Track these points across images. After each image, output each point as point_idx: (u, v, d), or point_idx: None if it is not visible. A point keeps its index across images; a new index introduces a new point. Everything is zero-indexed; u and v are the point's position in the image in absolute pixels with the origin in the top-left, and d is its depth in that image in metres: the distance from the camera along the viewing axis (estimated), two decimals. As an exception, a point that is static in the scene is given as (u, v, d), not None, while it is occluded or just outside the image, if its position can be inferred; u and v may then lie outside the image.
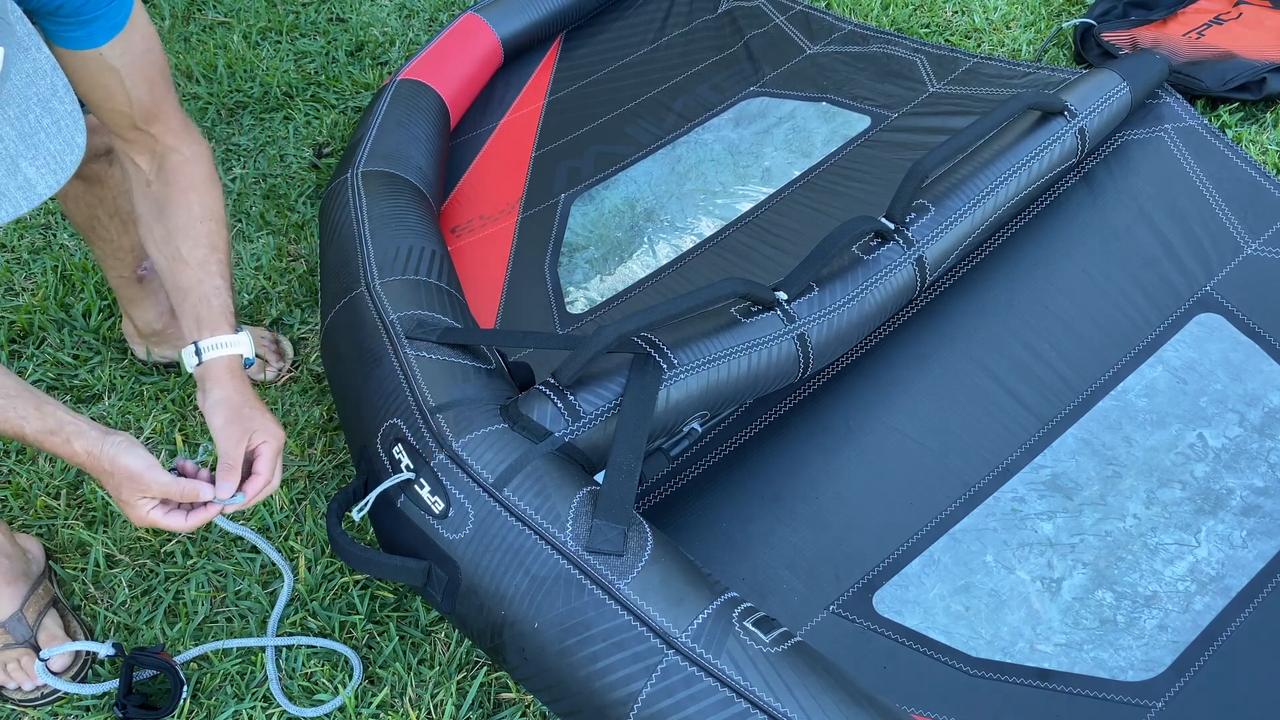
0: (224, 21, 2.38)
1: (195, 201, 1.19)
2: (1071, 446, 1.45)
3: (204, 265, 1.18)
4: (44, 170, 0.88)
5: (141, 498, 1.07)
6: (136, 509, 1.08)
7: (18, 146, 0.86)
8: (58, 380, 1.65)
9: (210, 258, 1.18)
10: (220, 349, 1.16)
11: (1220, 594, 1.31)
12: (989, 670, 1.25)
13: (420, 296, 1.36)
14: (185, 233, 1.18)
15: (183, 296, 1.19)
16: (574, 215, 1.83)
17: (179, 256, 1.19)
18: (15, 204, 0.86)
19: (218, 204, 1.21)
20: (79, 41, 1.06)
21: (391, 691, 1.30)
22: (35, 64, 0.88)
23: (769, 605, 1.31)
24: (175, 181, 1.19)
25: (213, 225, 1.20)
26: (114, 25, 1.07)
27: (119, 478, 1.06)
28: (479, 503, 1.09)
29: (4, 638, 1.30)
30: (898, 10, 2.34)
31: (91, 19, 1.04)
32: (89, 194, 1.42)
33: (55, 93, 0.89)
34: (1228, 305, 1.59)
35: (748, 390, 1.30)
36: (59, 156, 0.89)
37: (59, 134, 0.89)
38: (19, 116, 0.86)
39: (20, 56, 0.87)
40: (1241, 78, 1.99)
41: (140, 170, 1.21)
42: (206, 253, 1.18)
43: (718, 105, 2.01)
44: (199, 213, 1.19)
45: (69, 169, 0.89)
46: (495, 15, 2.07)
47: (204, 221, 1.19)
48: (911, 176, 1.45)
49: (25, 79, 0.87)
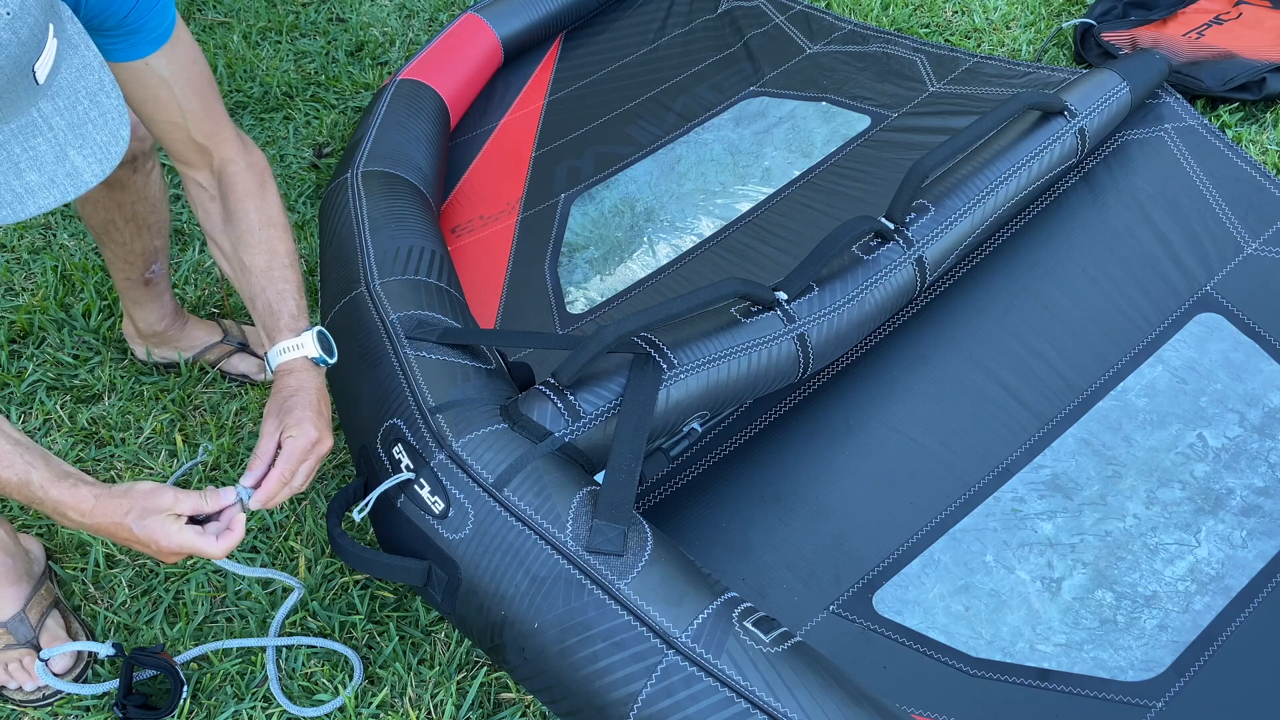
0: (224, 21, 2.38)
1: (253, 209, 1.20)
2: (1071, 446, 1.45)
3: (266, 272, 1.19)
4: (90, 160, 0.91)
5: (168, 516, 1.03)
6: (166, 531, 1.03)
7: (67, 135, 0.90)
8: (58, 380, 1.65)
9: (272, 264, 1.19)
10: (284, 354, 1.16)
11: (1220, 594, 1.31)
12: (989, 670, 1.25)
13: (420, 296, 1.36)
14: (246, 241, 1.20)
15: (251, 307, 1.21)
16: (574, 215, 1.83)
17: (243, 266, 1.20)
18: (63, 190, 0.89)
19: (275, 209, 1.22)
20: (126, 53, 1.08)
21: (391, 691, 1.30)
22: (84, 60, 0.92)
23: (769, 605, 1.31)
24: (233, 191, 1.21)
25: (272, 231, 1.20)
26: (159, 36, 1.10)
27: (137, 501, 1.03)
28: (479, 503, 1.09)
29: (6, 638, 1.30)
30: (898, 10, 2.34)
31: (136, 29, 1.07)
32: (109, 198, 1.43)
33: (103, 87, 0.92)
34: (1228, 305, 1.59)
35: (748, 390, 1.30)
36: (105, 147, 0.92)
37: (105, 126, 0.92)
38: (69, 108, 0.90)
39: (70, 52, 0.90)
40: (1241, 78, 1.99)
41: (203, 189, 1.23)
42: (267, 259, 1.19)
43: (718, 105, 2.01)
44: (256, 219, 1.20)
45: (114, 160, 0.93)
46: (495, 15, 2.07)
47: (263, 228, 1.20)
48: (911, 176, 1.45)
49: (75, 73, 0.91)
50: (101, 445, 1.57)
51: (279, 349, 1.17)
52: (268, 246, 1.20)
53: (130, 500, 1.03)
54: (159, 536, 1.03)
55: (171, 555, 1.07)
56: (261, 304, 1.20)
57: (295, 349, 1.16)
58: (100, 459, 1.55)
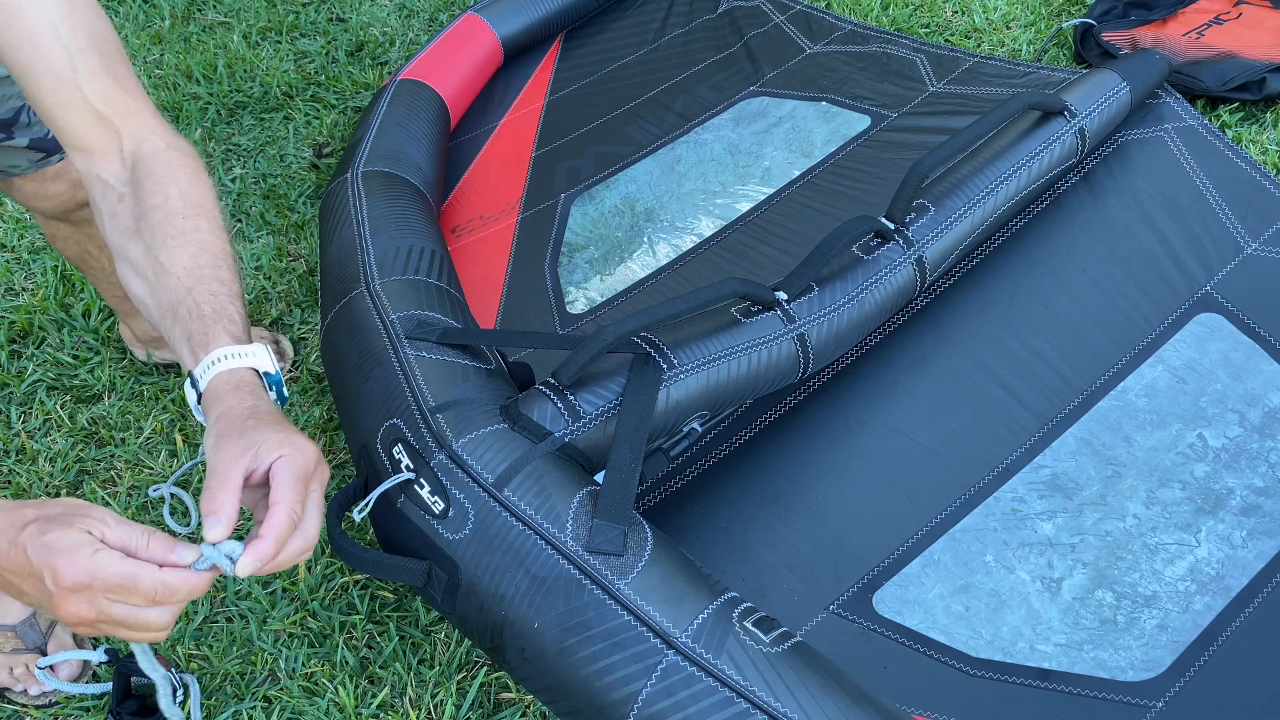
0: (224, 21, 2.38)
1: (175, 195, 0.91)
2: (1071, 446, 1.45)
3: (192, 271, 0.89)
4: None
5: (81, 534, 0.69)
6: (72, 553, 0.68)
7: None
8: (58, 380, 1.65)
9: (200, 259, 0.90)
10: (225, 363, 0.85)
11: (1220, 594, 1.31)
12: (989, 670, 1.25)
13: (420, 296, 1.36)
14: (164, 233, 0.89)
15: (171, 318, 0.88)
16: (574, 215, 1.83)
17: (160, 269, 0.88)
18: None
19: (205, 196, 0.93)
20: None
21: (391, 691, 1.30)
22: None
23: (769, 605, 1.31)
24: (151, 175, 0.91)
25: (200, 221, 0.91)
26: None
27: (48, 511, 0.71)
28: (479, 503, 1.09)
29: (14, 642, 1.30)
30: (898, 10, 2.34)
31: None
32: (77, 233, 1.42)
33: None
34: (1228, 305, 1.59)
35: (748, 390, 1.30)
36: None
37: None
38: None
39: None
40: (1241, 78, 1.99)
41: (109, 187, 0.93)
42: (194, 253, 0.89)
43: (717, 105, 2.01)
44: (179, 206, 0.90)
45: None
46: (495, 15, 2.07)
47: (188, 218, 0.90)
48: (911, 176, 1.45)
49: None
50: (101, 445, 1.57)
51: (217, 355, 0.84)
52: (194, 239, 0.90)
53: (40, 510, 0.71)
54: (59, 559, 0.67)
55: (71, 594, 0.67)
56: (187, 309, 0.87)
57: (239, 357, 0.86)
58: (100, 459, 1.55)
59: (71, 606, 0.68)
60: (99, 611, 0.69)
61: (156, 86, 2.20)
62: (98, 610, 0.69)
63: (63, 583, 0.67)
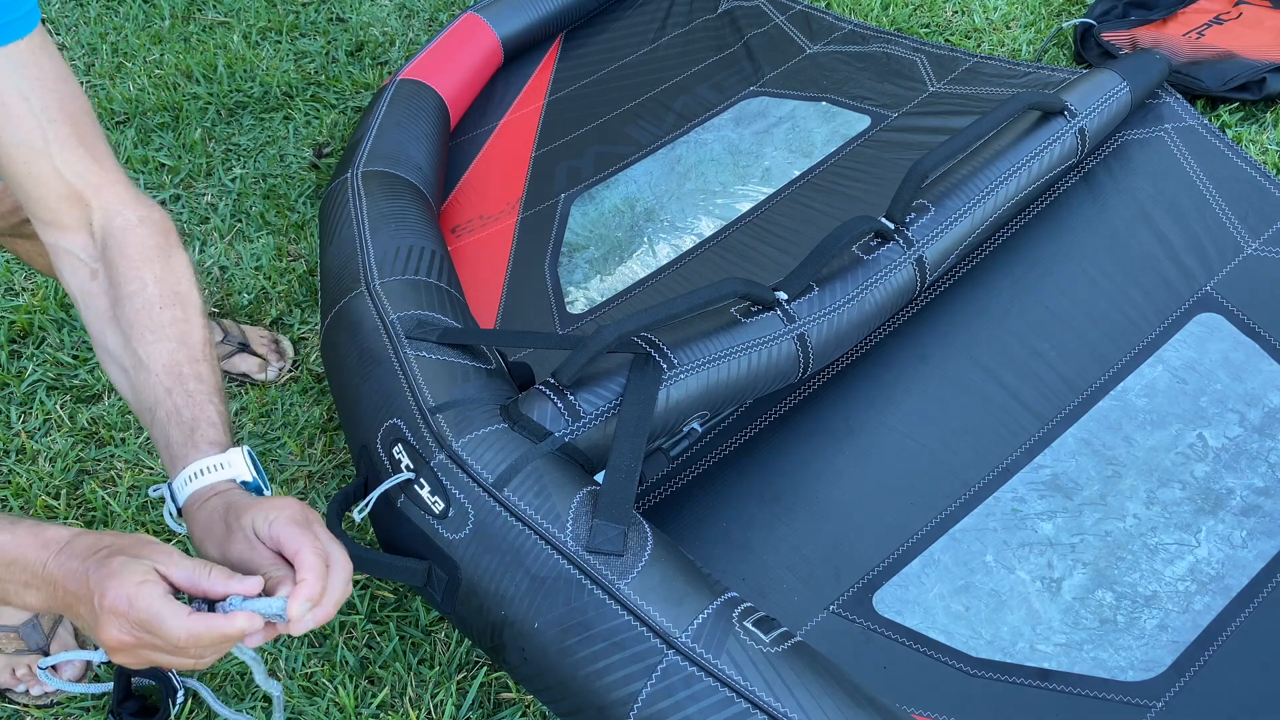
0: (224, 21, 2.38)
1: (151, 281, 0.89)
2: (1071, 446, 1.45)
3: (171, 369, 0.87)
4: None
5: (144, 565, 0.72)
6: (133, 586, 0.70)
7: None
8: (58, 380, 1.65)
9: (179, 354, 0.88)
10: (203, 478, 0.85)
11: (1220, 594, 1.31)
12: (989, 670, 1.25)
13: (420, 296, 1.36)
14: (141, 325, 0.88)
15: (149, 417, 0.87)
16: (574, 215, 1.83)
17: (138, 363, 0.87)
18: None
19: (182, 280, 0.92)
20: None
21: (391, 691, 1.30)
22: None
23: (769, 605, 1.31)
24: (124, 256, 0.89)
25: (178, 311, 0.90)
26: (6, 26, 0.83)
27: (119, 541, 0.75)
28: (479, 503, 1.09)
29: (17, 642, 1.30)
30: (898, 10, 2.34)
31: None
32: (38, 244, 1.41)
33: None
34: (1228, 305, 1.59)
35: (748, 390, 1.30)
36: None
37: None
38: None
39: None
40: (1241, 78, 1.99)
41: (80, 262, 0.91)
42: (173, 349, 0.88)
43: (717, 105, 2.01)
44: (156, 295, 0.89)
45: None
46: (495, 15, 2.07)
47: (164, 308, 0.89)
48: (911, 176, 1.45)
49: None
50: (101, 445, 1.57)
51: (194, 469, 0.84)
52: (174, 332, 0.89)
53: (116, 540, 0.75)
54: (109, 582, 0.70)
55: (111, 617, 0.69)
56: (165, 411, 0.86)
57: (217, 469, 0.85)
58: (100, 459, 1.55)
59: (112, 630, 0.70)
60: (136, 639, 0.71)
61: (156, 86, 2.20)
62: (135, 637, 0.71)
63: (105, 604, 0.70)
